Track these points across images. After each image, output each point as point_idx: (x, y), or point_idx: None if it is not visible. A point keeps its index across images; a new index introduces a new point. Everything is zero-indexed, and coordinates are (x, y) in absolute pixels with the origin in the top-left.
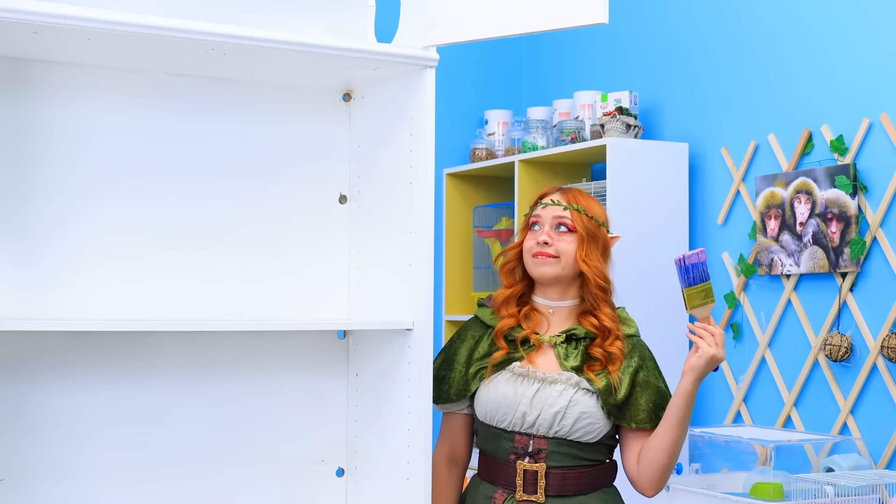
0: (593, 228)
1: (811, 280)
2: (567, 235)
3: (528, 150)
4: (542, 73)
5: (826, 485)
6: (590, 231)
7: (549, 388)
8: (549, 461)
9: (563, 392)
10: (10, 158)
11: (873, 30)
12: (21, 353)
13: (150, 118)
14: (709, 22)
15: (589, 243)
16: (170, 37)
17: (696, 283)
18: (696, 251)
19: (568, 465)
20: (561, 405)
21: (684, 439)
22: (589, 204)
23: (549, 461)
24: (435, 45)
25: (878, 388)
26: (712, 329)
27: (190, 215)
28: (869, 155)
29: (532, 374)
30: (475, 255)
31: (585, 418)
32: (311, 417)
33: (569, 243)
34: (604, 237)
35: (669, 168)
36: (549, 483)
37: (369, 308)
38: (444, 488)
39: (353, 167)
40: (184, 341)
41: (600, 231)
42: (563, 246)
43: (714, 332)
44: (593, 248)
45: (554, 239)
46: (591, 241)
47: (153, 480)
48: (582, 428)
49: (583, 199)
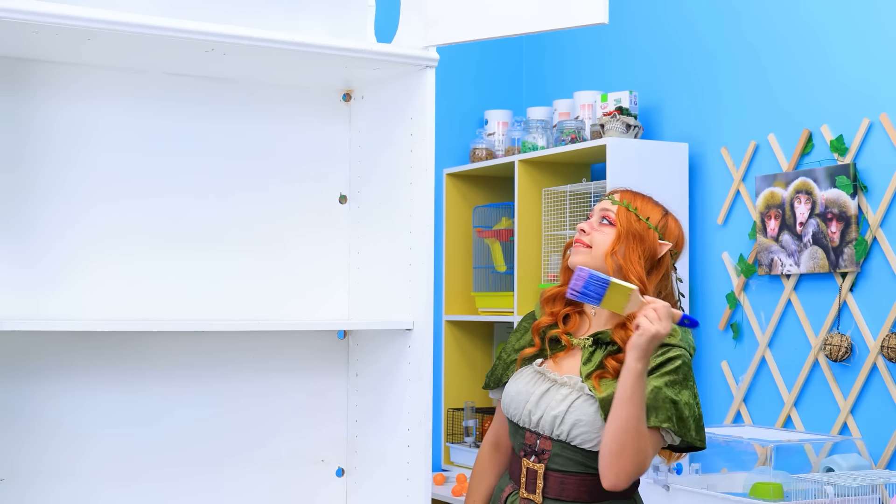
0: (639, 229)
1: (811, 280)
2: (606, 228)
3: (528, 150)
4: (542, 73)
5: (826, 485)
6: (633, 230)
7: (557, 390)
8: (550, 463)
9: (567, 397)
10: (10, 158)
11: (873, 30)
12: (21, 353)
13: (150, 118)
14: (709, 22)
15: (629, 241)
16: (170, 37)
17: (603, 293)
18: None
19: (570, 470)
20: (560, 410)
21: (636, 425)
22: (644, 206)
23: (550, 463)
24: (435, 45)
25: (878, 388)
26: (653, 304)
27: (190, 215)
28: (869, 155)
29: (545, 373)
30: (475, 255)
31: (582, 426)
32: (311, 417)
33: (605, 235)
34: (651, 241)
35: (669, 168)
36: (548, 485)
37: (369, 308)
38: (480, 473)
39: (353, 167)
40: (184, 341)
41: (648, 234)
42: (599, 237)
43: (656, 307)
44: (633, 247)
45: (593, 229)
46: (632, 241)
47: (153, 480)
48: (580, 434)
49: (639, 201)
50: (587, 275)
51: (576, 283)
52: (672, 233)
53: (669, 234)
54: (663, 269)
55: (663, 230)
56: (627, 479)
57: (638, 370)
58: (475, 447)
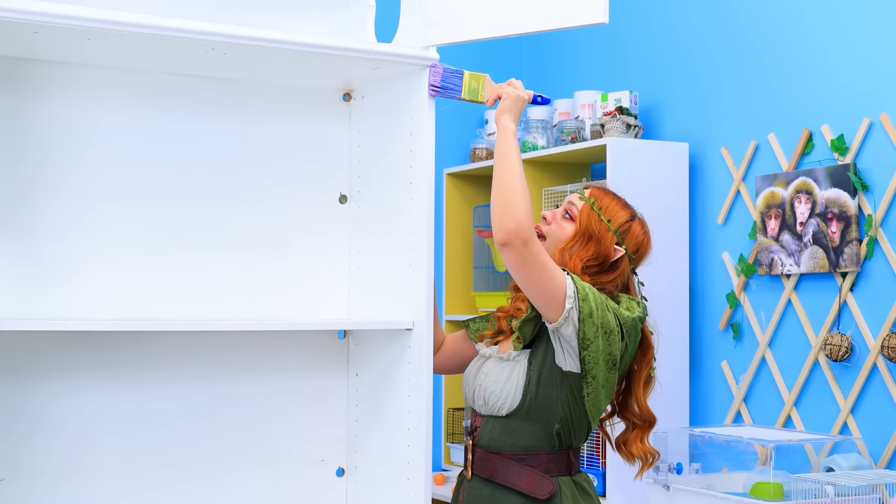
0: (597, 230)
1: (811, 280)
2: (565, 222)
3: (528, 149)
4: (542, 73)
5: (826, 485)
6: (590, 230)
7: (483, 364)
8: (479, 440)
9: (482, 367)
10: (11, 158)
11: (873, 30)
12: (21, 354)
13: (151, 118)
14: (709, 22)
15: (583, 240)
16: (170, 37)
17: (460, 83)
18: (431, 73)
19: (492, 447)
20: (479, 381)
21: (520, 180)
22: (611, 207)
23: (479, 440)
24: (435, 45)
25: (878, 388)
26: (509, 81)
27: (190, 215)
28: (869, 155)
29: (481, 351)
30: (475, 255)
31: (490, 387)
32: (311, 417)
33: (560, 229)
34: (607, 245)
35: (669, 168)
36: (475, 460)
37: (369, 308)
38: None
39: (353, 167)
40: (184, 341)
41: (606, 236)
42: (555, 229)
43: (510, 81)
44: (586, 248)
45: (555, 220)
46: (586, 241)
47: (153, 480)
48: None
49: (606, 200)
50: (442, 69)
51: (434, 79)
52: (634, 238)
53: (631, 239)
54: (617, 272)
55: (623, 235)
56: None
57: (511, 129)
58: None
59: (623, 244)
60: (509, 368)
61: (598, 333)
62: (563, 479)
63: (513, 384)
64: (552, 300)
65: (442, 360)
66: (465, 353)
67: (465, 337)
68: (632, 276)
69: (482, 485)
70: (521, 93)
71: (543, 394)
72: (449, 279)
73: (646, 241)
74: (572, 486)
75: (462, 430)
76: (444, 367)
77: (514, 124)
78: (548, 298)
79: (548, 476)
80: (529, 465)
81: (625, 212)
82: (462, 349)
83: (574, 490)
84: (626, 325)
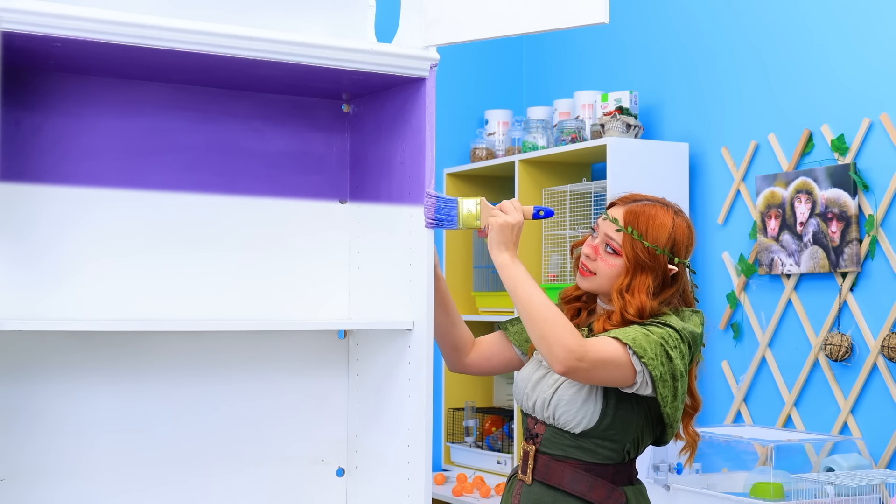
0: (646, 258)
1: (811, 280)
2: (611, 258)
3: (528, 149)
4: (542, 73)
5: (826, 484)
6: (640, 261)
7: (550, 376)
8: (541, 446)
9: (556, 381)
10: (11, 158)
11: (873, 30)
12: (21, 354)
13: (150, 118)
14: (709, 22)
15: (636, 273)
16: (170, 37)
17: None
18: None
19: (557, 454)
20: (549, 394)
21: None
22: (650, 228)
23: (541, 446)
24: (435, 45)
25: (878, 388)
26: (500, 204)
27: (190, 215)
28: (869, 155)
29: (543, 361)
30: (475, 255)
31: (563, 405)
32: (311, 417)
33: (610, 266)
34: (662, 268)
35: (670, 168)
36: (536, 466)
37: (369, 308)
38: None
39: (353, 167)
40: (184, 341)
41: (658, 260)
42: (603, 267)
43: (502, 204)
44: (643, 279)
45: (598, 256)
46: (640, 272)
47: (153, 479)
48: (563, 415)
49: (644, 222)
50: (435, 200)
51: (428, 212)
52: (681, 243)
53: (680, 243)
54: (678, 282)
55: (673, 249)
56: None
57: (503, 260)
58: (475, 447)
59: (675, 257)
60: (587, 388)
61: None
62: (629, 489)
63: (591, 406)
64: (623, 378)
65: (477, 362)
66: (503, 356)
67: (502, 338)
68: (685, 275)
69: (544, 490)
70: (509, 218)
71: (621, 417)
72: (449, 279)
73: (690, 234)
74: (637, 494)
75: (462, 430)
76: (479, 369)
77: (509, 251)
78: (619, 380)
79: (616, 487)
80: (598, 475)
81: (664, 223)
82: (500, 351)
83: (638, 499)
84: (692, 340)
